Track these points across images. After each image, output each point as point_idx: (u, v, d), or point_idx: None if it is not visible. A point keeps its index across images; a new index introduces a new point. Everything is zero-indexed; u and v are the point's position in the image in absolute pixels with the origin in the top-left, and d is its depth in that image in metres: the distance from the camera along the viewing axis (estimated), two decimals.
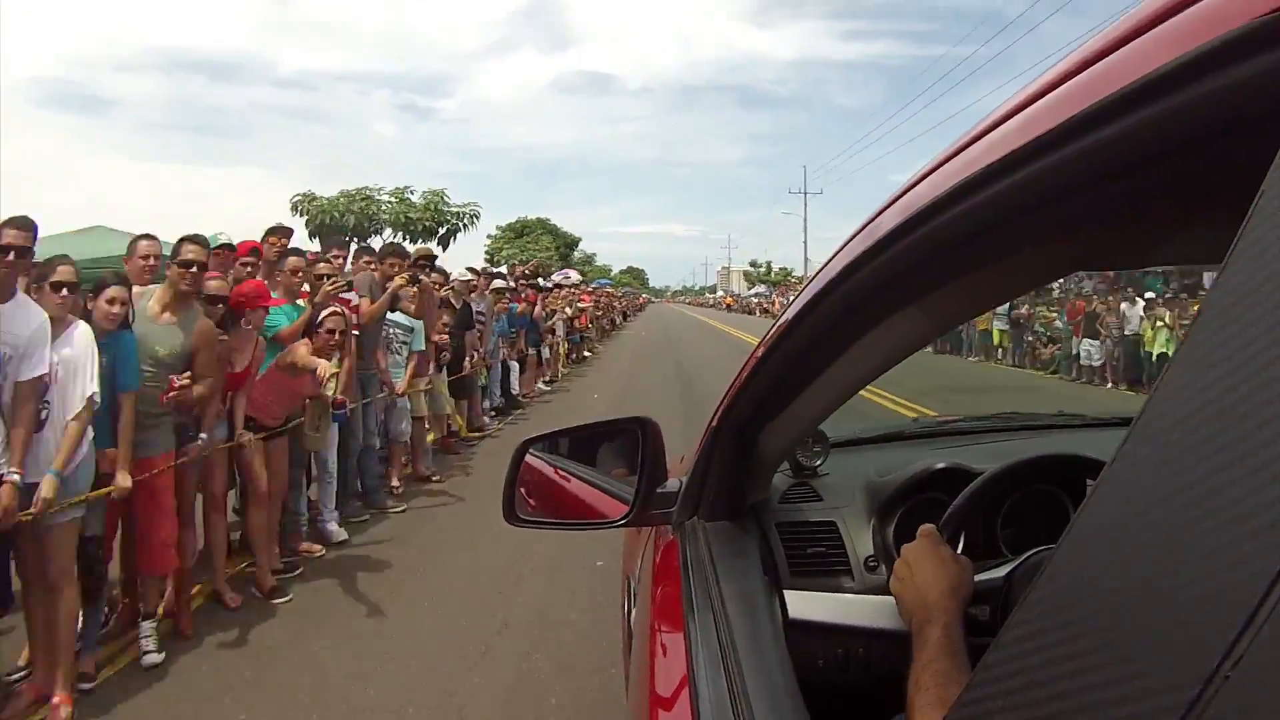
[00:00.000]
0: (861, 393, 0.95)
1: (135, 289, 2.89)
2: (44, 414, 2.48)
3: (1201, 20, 0.32)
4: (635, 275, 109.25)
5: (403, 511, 4.97)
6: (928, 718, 0.67)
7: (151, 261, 3.15)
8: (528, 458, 1.26)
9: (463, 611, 3.45)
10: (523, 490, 1.24)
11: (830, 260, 0.73)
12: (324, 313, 3.82)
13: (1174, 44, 0.33)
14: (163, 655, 2.94)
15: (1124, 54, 0.37)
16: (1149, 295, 11.57)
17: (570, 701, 2.68)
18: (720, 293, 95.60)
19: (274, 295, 3.81)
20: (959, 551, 1.04)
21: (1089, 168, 0.40)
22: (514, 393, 8.96)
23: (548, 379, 11.16)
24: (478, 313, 7.28)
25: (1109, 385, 11.69)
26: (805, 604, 1.04)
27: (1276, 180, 0.27)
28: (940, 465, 1.25)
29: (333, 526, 4.35)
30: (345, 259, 5.15)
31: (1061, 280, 10.75)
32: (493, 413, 8.20)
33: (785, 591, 1.05)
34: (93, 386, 2.55)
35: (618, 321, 27.34)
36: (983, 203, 0.48)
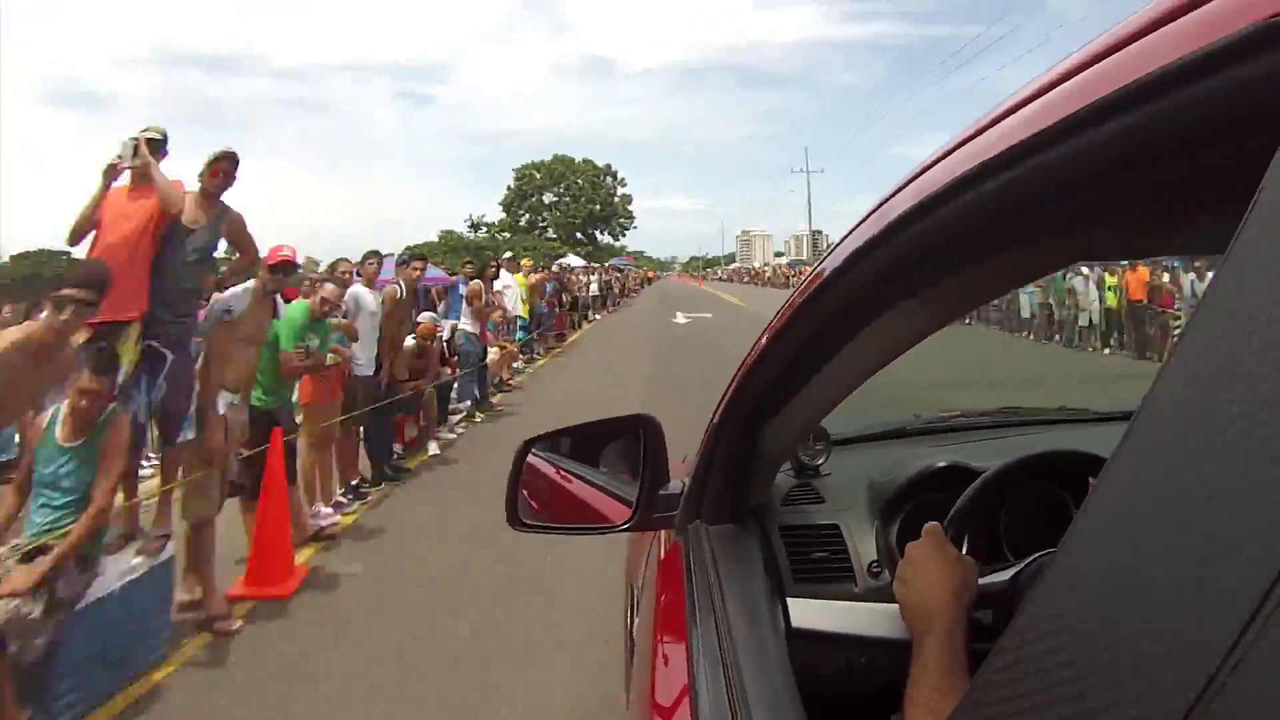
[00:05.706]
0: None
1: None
2: None
3: (1208, 21, 0.34)
4: (598, 172, 55.51)
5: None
6: None
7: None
8: (530, 458, 1.24)
9: None
10: (525, 493, 1.22)
11: (836, 247, 0.72)
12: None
13: (1181, 43, 0.34)
14: None
15: (1134, 50, 0.38)
16: None
17: None
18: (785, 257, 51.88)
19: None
20: (964, 552, 1.03)
21: (1103, 159, 0.40)
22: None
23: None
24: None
25: None
26: (808, 612, 1.03)
27: (1275, 179, 0.27)
28: (941, 464, 1.25)
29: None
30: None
31: None
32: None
33: (788, 599, 1.04)
34: None
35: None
36: (994, 191, 0.48)
